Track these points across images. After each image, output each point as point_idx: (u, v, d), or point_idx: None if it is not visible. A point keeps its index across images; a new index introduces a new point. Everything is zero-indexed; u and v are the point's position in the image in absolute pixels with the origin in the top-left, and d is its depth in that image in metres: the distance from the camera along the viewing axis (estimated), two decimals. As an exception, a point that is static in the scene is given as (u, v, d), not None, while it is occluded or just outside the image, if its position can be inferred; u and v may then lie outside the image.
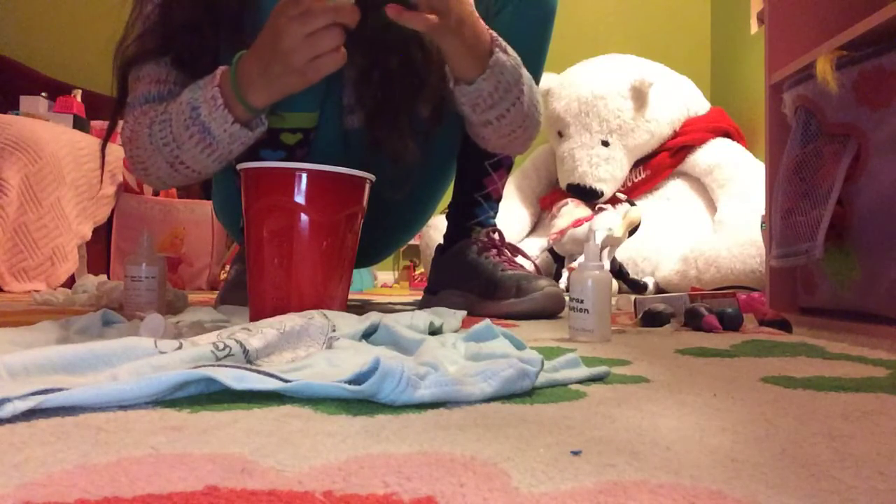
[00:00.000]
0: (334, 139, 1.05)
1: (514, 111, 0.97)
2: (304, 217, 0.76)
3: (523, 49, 1.06)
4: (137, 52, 0.96)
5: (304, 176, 0.76)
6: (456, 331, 0.75)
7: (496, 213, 1.25)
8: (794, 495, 0.26)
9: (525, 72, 0.98)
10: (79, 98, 2.52)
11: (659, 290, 2.07)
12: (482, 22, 0.91)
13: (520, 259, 1.23)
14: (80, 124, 2.39)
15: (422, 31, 0.85)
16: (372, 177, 0.82)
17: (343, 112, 1.06)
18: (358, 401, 0.42)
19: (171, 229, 2.24)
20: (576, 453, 0.31)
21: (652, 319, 0.92)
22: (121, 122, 1.02)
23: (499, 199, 1.24)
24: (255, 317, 0.76)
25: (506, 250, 1.21)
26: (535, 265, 1.27)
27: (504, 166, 1.21)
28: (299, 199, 0.76)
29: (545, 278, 1.11)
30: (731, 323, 0.88)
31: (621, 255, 2.10)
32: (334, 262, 0.79)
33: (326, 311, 0.64)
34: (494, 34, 0.93)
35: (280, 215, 0.77)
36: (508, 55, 0.94)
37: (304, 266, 0.77)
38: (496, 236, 1.21)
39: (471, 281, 1.14)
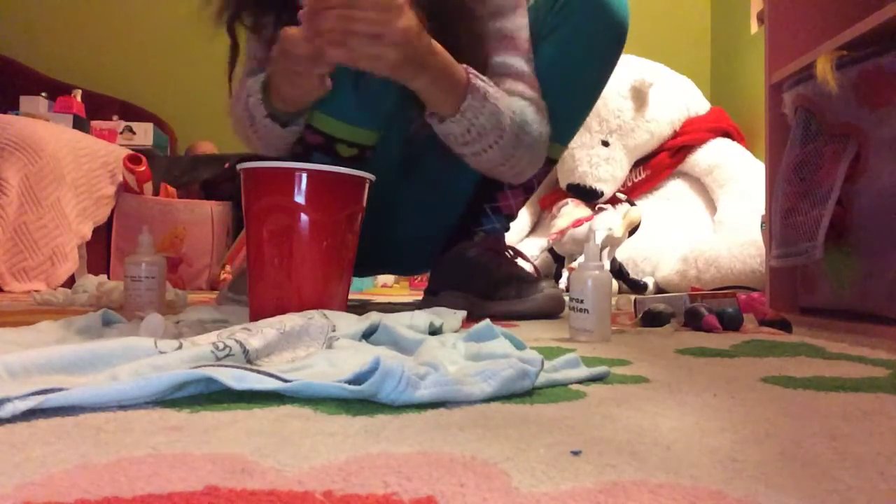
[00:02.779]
0: (394, 153, 1.06)
1: (491, 153, 0.97)
2: (304, 217, 0.76)
3: (579, 73, 1.04)
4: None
5: (304, 176, 0.76)
6: (456, 331, 0.75)
7: (504, 228, 1.23)
8: (794, 495, 0.26)
9: (511, 116, 0.96)
10: (79, 98, 2.52)
11: (659, 290, 2.07)
12: (455, 64, 0.89)
13: (519, 261, 1.23)
14: (80, 124, 2.39)
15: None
16: (372, 176, 0.82)
17: (406, 136, 1.08)
18: (358, 401, 0.42)
19: (171, 229, 2.23)
20: (576, 453, 0.31)
21: (652, 319, 0.92)
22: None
23: (510, 216, 1.22)
24: (255, 317, 0.76)
25: (505, 252, 1.20)
26: (535, 268, 1.27)
27: (521, 186, 1.19)
28: (299, 199, 0.76)
29: (545, 280, 1.11)
30: (731, 323, 0.88)
31: (621, 255, 2.10)
32: (334, 262, 0.79)
33: (326, 311, 0.64)
34: (473, 76, 0.91)
35: (280, 215, 0.77)
36: (486, 101, 0.92)
37: (304, 266, 0.77)
38: (497, 240, 1.21)
39: (471, 282, 1.14)
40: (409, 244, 1.27)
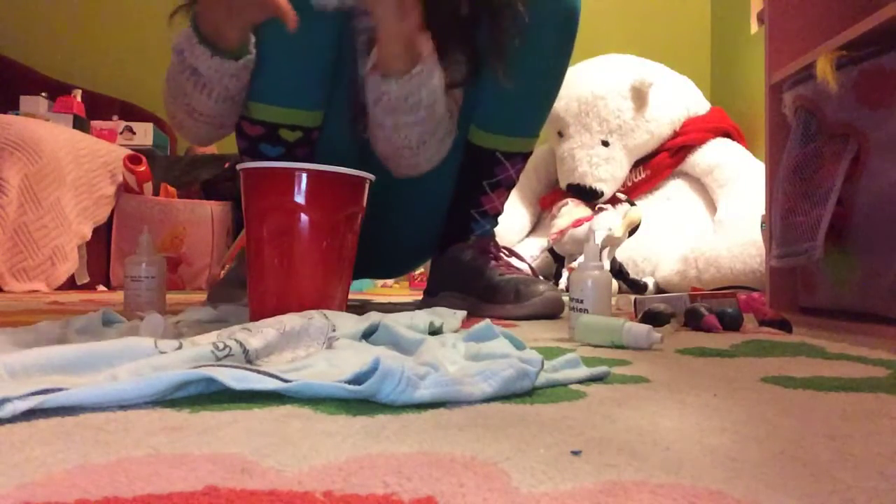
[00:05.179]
0: (347, 142, 1.04)
1: (411, 131, 0.94)
2: (304, 217, 0.76)
3: (532, 62, 1.02)
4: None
5: (304, 176, 0.76)
6: (456, 331, 0.75)
7: (494, 226, 1.23)
8: (794, 495, 0.26)
9: (441, 113, 0.95)
10: (79, 98, 2.53)
11: (659, 290, 2.07)
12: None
13: (515, 261, 1.23)
14: (80, 124, 2.39)
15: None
16: (372, 176, 0.82)
17: (357, 114, 1.05)
18: (358, 401, 0.42)
19: (171, 229, 2.24)
20: (576, 453, 0.31)
21: (652, 319, 0.92)
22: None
23: (497, 215, 1.22)
24: (255, 317, 0.76)
25: (501, 253, 1.20)
26: (532, 267, 1.27)
27: (503, 185, 1.19)
28: (299, 199, 0.76)
29: (543, 282, 1.11)
30: (731, 323, 0.88)
31: (621, 255, 2.10)
32: (334, 262, 0.79)
33: (326, 311, 0.64)
34: (433, 56, 0.90)
35: (280, 215, 0.77)
36: (433, 76, 0.91)
37: (304, 266, 0.77)
38: (490, 241, 1.21)
39: (469, 284, 1.14)
40: (391, 247, 1.25)
